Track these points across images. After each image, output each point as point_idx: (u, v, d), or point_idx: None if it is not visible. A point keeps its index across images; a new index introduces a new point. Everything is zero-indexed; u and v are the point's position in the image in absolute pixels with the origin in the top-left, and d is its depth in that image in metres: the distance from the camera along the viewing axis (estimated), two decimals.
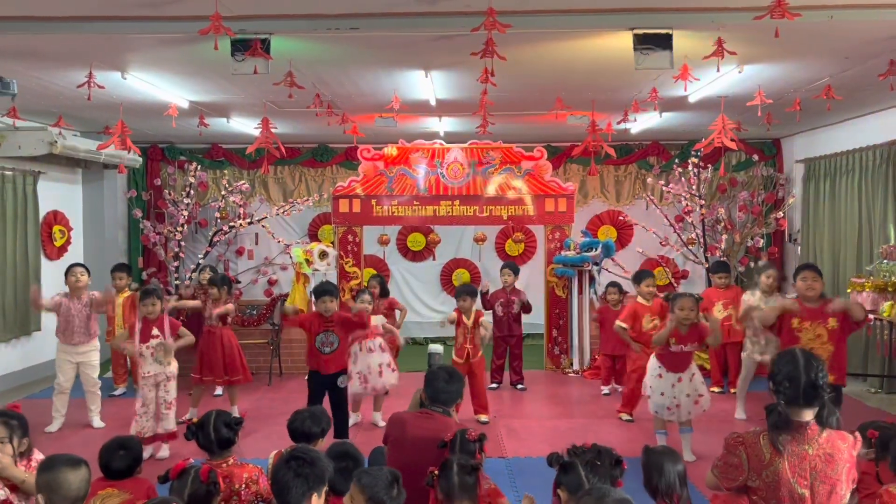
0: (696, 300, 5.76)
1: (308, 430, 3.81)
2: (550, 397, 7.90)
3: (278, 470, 2.77)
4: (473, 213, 9.04)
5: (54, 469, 2.99)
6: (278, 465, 2.80)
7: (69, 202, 9.59)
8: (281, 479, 2.73)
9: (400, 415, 3.94)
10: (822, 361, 2.75)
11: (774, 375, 2.77)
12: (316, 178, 10.88)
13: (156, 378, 5.85)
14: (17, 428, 3.53)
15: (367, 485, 2.81)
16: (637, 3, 4.46)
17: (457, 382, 3.96)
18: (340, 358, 6.00)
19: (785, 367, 2.73)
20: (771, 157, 10.56)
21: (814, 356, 2.76)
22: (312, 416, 3.90)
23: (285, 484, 2.71)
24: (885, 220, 7.95)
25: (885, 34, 5.05)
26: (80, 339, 6.61)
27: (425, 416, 3.82)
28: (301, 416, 3.88)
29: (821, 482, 2.64)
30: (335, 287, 6.14)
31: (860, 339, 7.79)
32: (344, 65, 5.93)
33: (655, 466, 3.17)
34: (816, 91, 6.38)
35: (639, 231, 10.37)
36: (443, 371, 3.99)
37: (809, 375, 2.67)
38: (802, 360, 2.71)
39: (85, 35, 4.88)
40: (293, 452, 2.83)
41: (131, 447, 3.59)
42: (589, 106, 7.31)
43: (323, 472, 2.80)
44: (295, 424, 3.85)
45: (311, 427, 3.83)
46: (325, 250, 8.64)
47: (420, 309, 10.96)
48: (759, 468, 2.70)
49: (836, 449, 2.67)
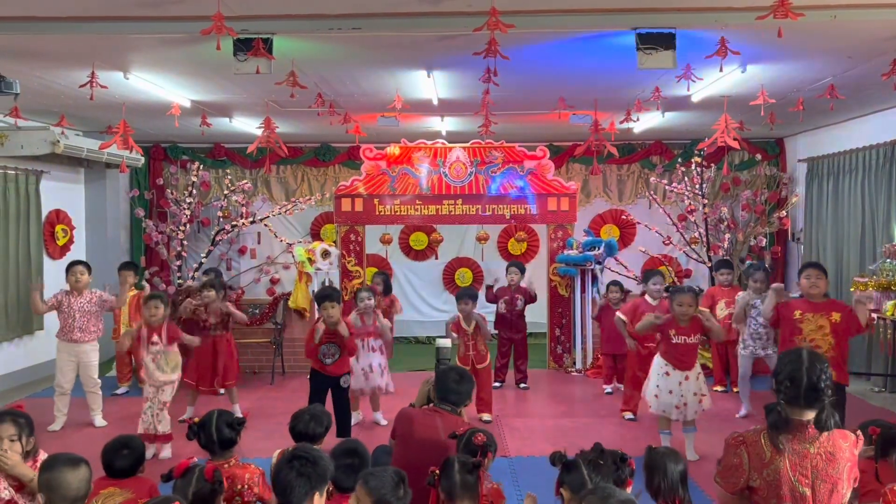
0: (695, 294, 5.74)
1: (312, 432, 3.81)
2: (553, 396, 7.90)
3: (280, 469, 2.76)
4: (476, 213, 9.04)
5: (53, 468, 2.98)
6: (280, 464, 2.80)
7: (71, 201, 9.60)
8: (283, 479, 2.72)
9: (409, 411, 3.94)
10: (826, 363, 2.71)
11: (777, 374, 2.75)
12: (318, 178, 10.88)
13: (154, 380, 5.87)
14: (25, 426, 3.55)
15: (374, 487, 2.81)
16: (640, 2, 4.46)
17: (467, 383, 3.96)
18: (344, 364, 6.02)
19: (788, 367, 2.71)
20: (774, 157, 10.55)
21: (819, 357, 2.73)
22: (314, 416, 3.89)
23: (288, 483, 2.71)
24: (888, 220, 7.94)
25: (888, 34, 5.03)
26: (80, 336, 6.59)
27: (434, 414, 3.83)
28: (303, 419, 3.87)
29: (822, 481, 2.63)
30: (337, 292, 6.10)
31: (863, 337, 7.77)
32: (346, 64, 5.93)
33: (657, 467, 3.15)
34: (819, 91, 6.37)
35: (641, 230, 10.36)
36: (454, 371, 3.99)
37: (811, 377, 2.64)
38: (807, 361, 2.68)
39: (87, 35, 4.88)
40: (295, 452, 2.82)
41: (134, 446, 3.58)
42: (591, 105, 7.31)
43: (325, 470, 2.80)
44: (299, 427, 3.84)
45: (314, 428, 3.83)
46: (328, 249, 8.64)
47: (422, 308, 10.96)
48: (760, 467, 2.68)
49: (837, 448, 2.66)
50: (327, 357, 5.88)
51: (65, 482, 2.94)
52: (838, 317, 5.18)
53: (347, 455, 3.32)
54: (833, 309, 5.21)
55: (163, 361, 5.85)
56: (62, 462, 3.01)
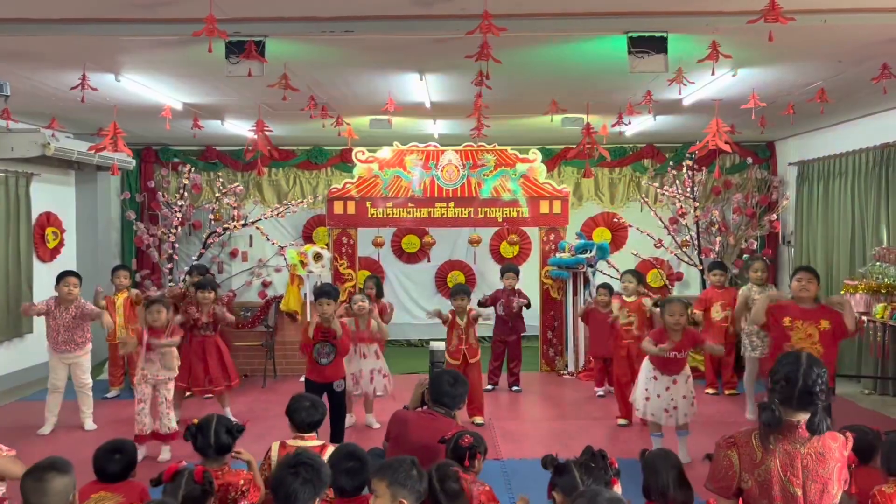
0: (685, 305, 5.73)
1: (312, 420, 3.85)
2: (545, 399, 7.90)
3: (284, 477, 2.75)
4: (468, 216, 9.04)
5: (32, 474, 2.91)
6: (282, 473, 2.78)
7: (62, 204, 9.55)
8: (288, 487, 2.71)
9: (404, 414, 3.94)
10: (824, 369, 2.71)
11: (773, 374, 2.76)
12: (310, 180, 10.87)
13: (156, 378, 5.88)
14: None
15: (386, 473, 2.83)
16: (632, 6, 4.47)
17: (461, 387, 3.97)
18: (339, 367, 6.00)
19: (785, 368, 2.72)
20: (765, 160, 10.60)
21: (817, 362, 2.73)
22: (314, 403, 3.93)
23: (293, 492, 2.70)
24: (877, 223, 7.99)
25: (878, 38, 5.07)
26: (67, 347, 6.57)
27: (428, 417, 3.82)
28: (303, 405, 3.88)
29: (812, 481, 2.64)
30: (334, 289, 6.08)
31: (853, 340, 7.81)
32: (338, 67, 5.93)
33: (649, 468, 3.20)
34: (810, 94, 6.41)
35: (633, 233, 10.39)
36: (448, 374, 4.00)
37: (807, 381, 2.65)
38: (805, 365, 2.69)
39: (78, 37, 4.87)
40: (298, 459, 2.82)
41: (126, 451, 3.55)
42: (583, 108, 7.33)
43: (327, 475, 2.84)
44: (301, 415, 3.85)
45: (314, 416, 3.87)
46: (320, 252, 8.63)
47: (415, 311, 10.94)
48: (751, 468, 2.69)
49: (827, 448, 2.67)
50: (322, 357, 5.86)
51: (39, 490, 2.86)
52: (827, 325, 5.20)
53: (348, 459, 3.31)
54: (822, 317, 5.22)
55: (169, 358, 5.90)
56: (42, 468, 2.92)
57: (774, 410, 2.65)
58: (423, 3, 4.30)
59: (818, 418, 2.63)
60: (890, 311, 6.92)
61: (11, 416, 7.21)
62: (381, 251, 10.24)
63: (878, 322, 7.11)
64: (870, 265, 7.47)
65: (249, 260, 10.70)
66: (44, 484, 2.86)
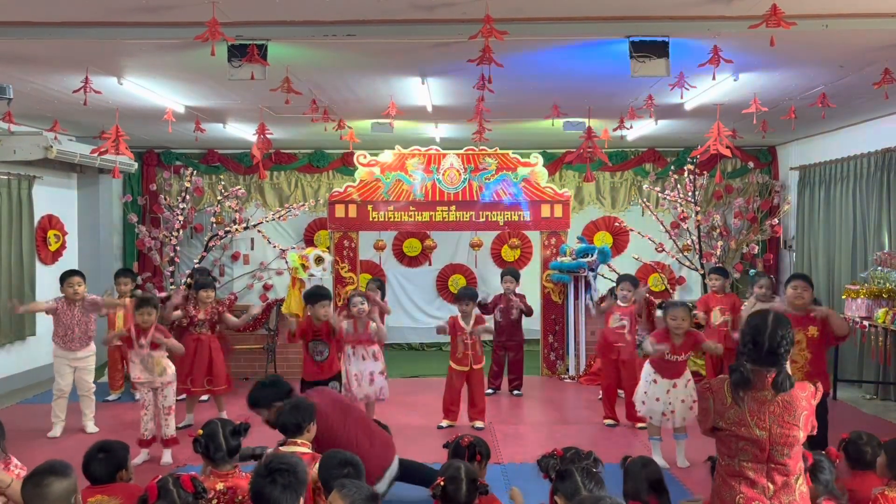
0: (688, 309, 5.75)
1: (297, 422, 3.91)
2: (546, 403, 7.90)
3: (262, 488, 2.74)
4: (469, 219, 9.05)
5: (34, 478, 2.91)
6: (260, 483, 2.77)
7: (64, 207, 9.56)
8: (269, 497, 2.71)
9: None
10: (789, 329, 2.92)
11: (742, 335, 2.98)
12: (312, 184, 10.88)
13: (151, 384, 5.85)
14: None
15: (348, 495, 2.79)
16: (633, 11, 4.48)
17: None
18: (332, 365, 6.06)
19: (752, 330, 2.92)
20: (766, 165, 10.60)
21: (782, 322, 2.92)
22: (294, 405, 3.98)
23: (274, 500, 2.70)
24: (879, 227, 7.99)
25: (879, 43, 5.07)
26: (79, 344, 6.61)
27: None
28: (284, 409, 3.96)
29: (778, 426, 2.86)
30: (328, 291, 6.20)
31: (855, 345, 7.81)
32: (341, 71, 5.94)
33: (629, 474, 3.40)
34: (811, 99, 6.42)
35: (634, 237, 10.39)
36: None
37: (772, 342, 2.86)
38: (770, 328, 2.89)
39: (81, 40, 4.88)
40: (271, 465, 2.80)
41: (112, 451, 3.52)
42: (585, 113, 7.33)
43: (305, 474, 2.84)
44: (283, 418, 3.92)
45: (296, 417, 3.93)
46: (321, 255, 8.63)
47: (416, 314, 10.94)
48: (722, 411, 2.95)
49: (794, 397, 2.90)
50: (316, 354, 5.95)
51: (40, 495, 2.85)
52: (815, 331, 5.22)
53: (343, 466, 3.32)
54: (810, 323, 5.24)
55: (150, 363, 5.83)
56: (42, 472, 2.91)
57: (743, 372, 2.89)
58: (425, 7, 4.32)
59: (782, 377, 2.87)
60: (891, 315, 6.92)
61: (13, 419, 7.19)
62: (382, 254, 10.25)
63: (879, 327, 7.10)
64: (871, 270, 7.47)
65: (251, 263, 10.71)
66: (43, 489, 2.86)
